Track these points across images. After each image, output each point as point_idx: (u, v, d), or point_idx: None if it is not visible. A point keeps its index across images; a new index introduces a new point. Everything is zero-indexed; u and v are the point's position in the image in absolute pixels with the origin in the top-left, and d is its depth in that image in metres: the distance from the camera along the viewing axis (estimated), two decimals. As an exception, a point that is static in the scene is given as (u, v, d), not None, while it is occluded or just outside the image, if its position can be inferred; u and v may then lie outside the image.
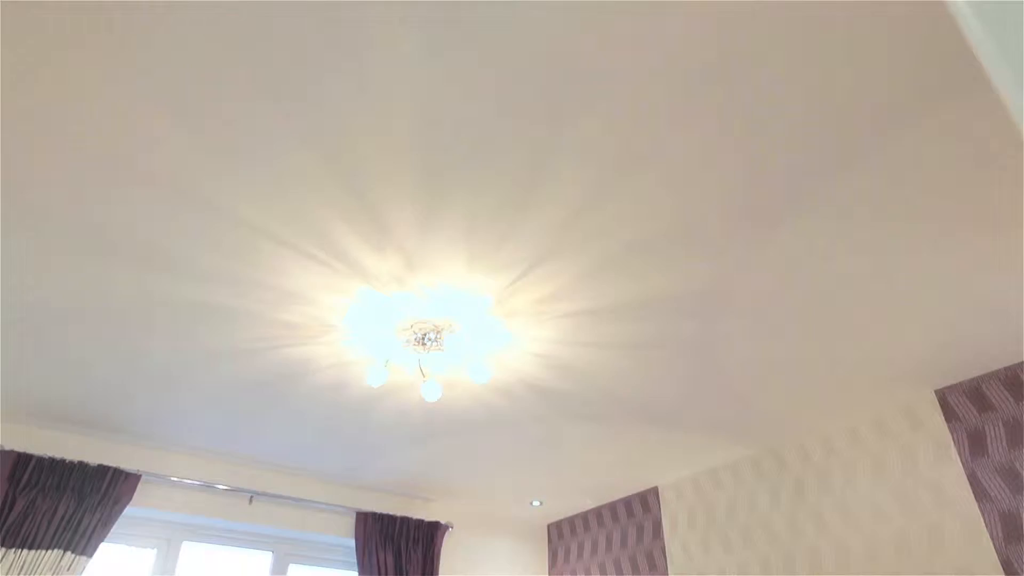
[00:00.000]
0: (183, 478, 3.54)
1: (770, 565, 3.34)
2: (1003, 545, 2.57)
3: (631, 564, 4.09)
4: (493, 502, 4.41)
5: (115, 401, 3.03)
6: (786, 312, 2.39)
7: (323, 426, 3.29)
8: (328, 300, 2.32)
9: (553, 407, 3.09)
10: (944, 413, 2.89)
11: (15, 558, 2.90)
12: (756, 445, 3.51)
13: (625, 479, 4.01)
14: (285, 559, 3.89)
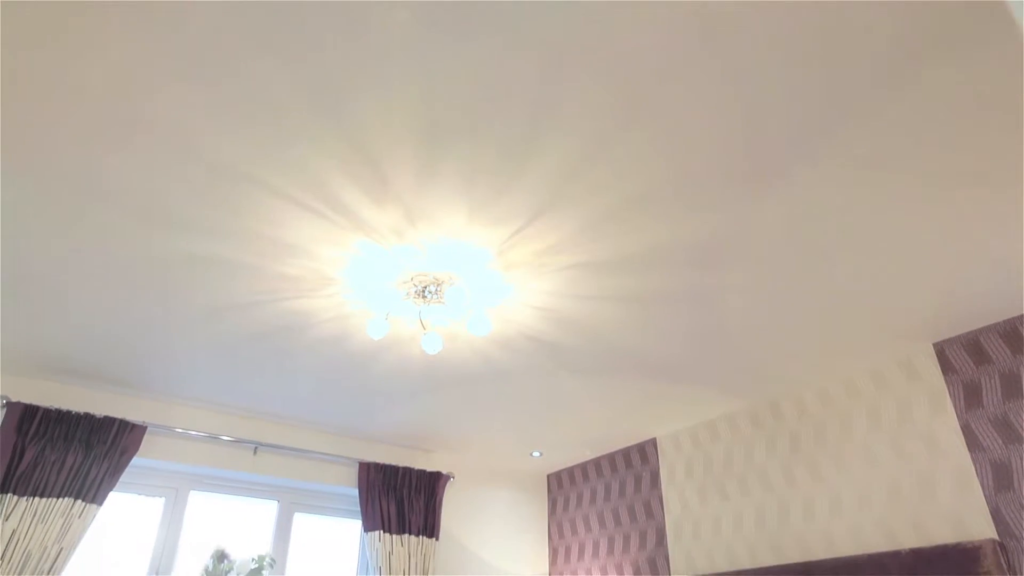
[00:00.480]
0: (188, 430, 3.59)
1: (765, 513, 3.42)
2: (993, 493, 2.62)
3: (629, 513, 4.19)
4: (494, 453, 4.49)
5: (118, 354, 3.06)
6: (786, 265, 2.39)
7: (325, 378, 3.33)
8: (327, 253, 2.31)
9: (553, 359, 3.12)
10: (941, 365, 2.91)
11: (27, 505, 2.97)
12: (753, 397, 3.55)
13: (624, 431, 4.07)
14: (290, 508, 3.99)
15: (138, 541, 3.49)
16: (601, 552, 4.28)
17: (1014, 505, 2.55)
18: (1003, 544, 2.54)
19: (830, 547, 3.10)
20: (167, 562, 3.49)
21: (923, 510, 2.82)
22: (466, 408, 3.72)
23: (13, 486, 2.97)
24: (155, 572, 3.45)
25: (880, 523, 2.95)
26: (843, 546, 3.05)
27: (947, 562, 2.61)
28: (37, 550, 2.92)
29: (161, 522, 3.56)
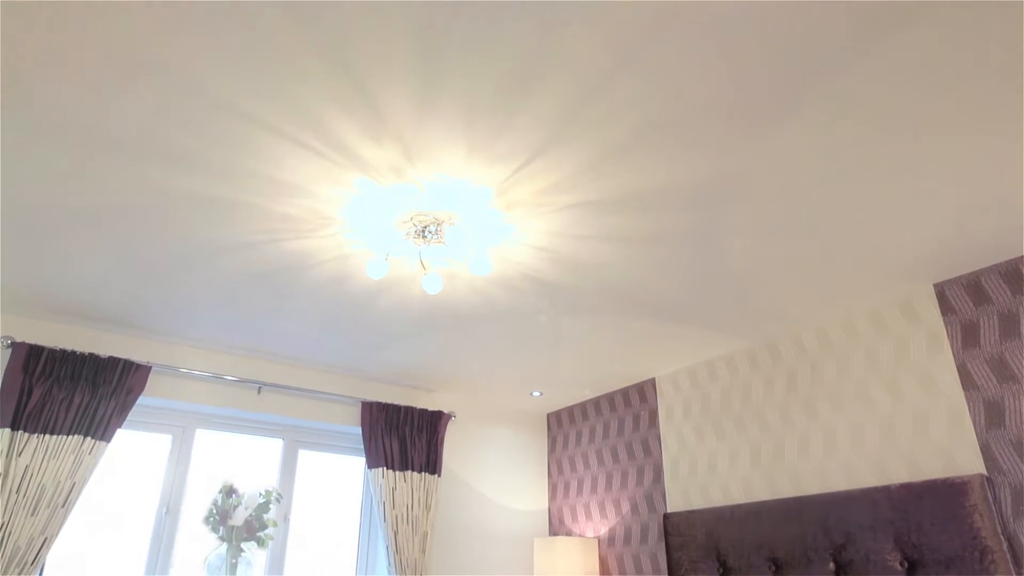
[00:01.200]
0: (192, 370, 3.64)
1: (760, 451, 3.50)
2: (984, 431, 2.67)
3: (627, 450, 4.28)
4: (494, 392, 4.56)
5: (121, 295, 3.07)
6: (787, 207, 2.37)
7: (326, 319, 3.35)
8: (326, 192, 2.29)
9: (553, 299, 3.13)
10: (941, 306, 2.92)
11: (39, 442, 3.04)
12: (752, 338, 3.58)
13: (623, 371, 4.13)
14: (295, 445, 4.08)
15: (148, 476, 3.58)
16: (599, 488, 4.40)
17: (1004, 441, 2.60)
18: (991, 479, 2.61)
19: (823, 483, 3.18)
20: (177, 497, 3.59)
21: (915, 447, 2.88)
22: (467, 348, 3.75)
23: (23, 423, 3.03)
24: (165, 506, 3.55)
25: (873, 460, 3.01)
26: (836, 482, 3.13)
27: (936, 496, 2.68)
28: (51, 484, 3.01)
29: (169, 458, 3.65)
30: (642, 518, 4.04)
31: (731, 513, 3.42)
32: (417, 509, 4.00)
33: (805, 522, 3.09)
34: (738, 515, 3.38)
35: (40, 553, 2.92)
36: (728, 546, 3.38)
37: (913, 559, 2.70)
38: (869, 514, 2.87)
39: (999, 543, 2.48)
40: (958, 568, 2.56)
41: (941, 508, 2.65)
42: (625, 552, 4.09)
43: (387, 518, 3.88)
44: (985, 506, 2.54)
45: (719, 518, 3.47)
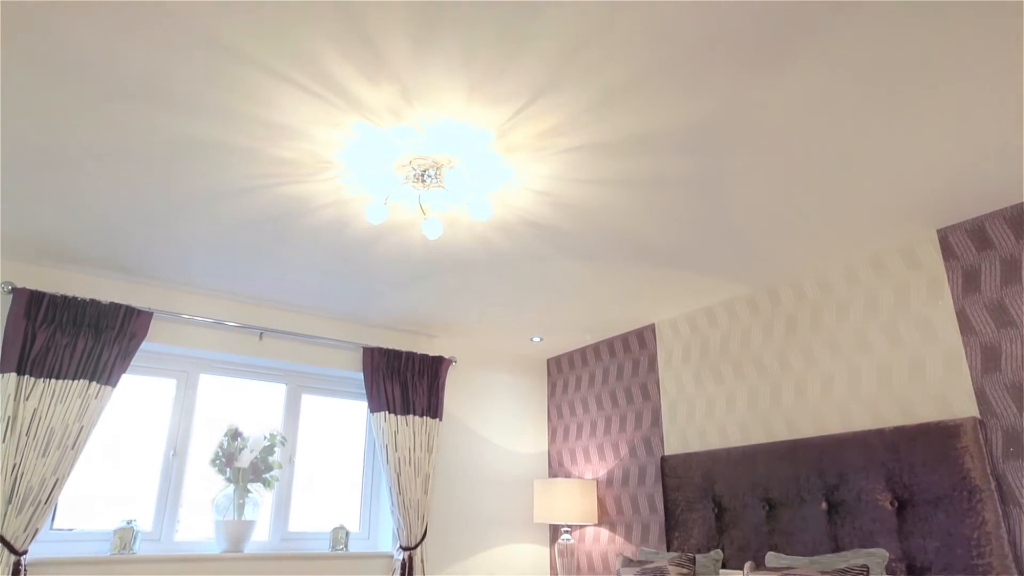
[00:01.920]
0: (194, 316, 3.66)
1: (757, 395, 3.55)
2: (979, 375, 2.70)
3: (626, 395, 4.34)
4: (495, 338, 4.60)
5: (121, 241, 3.06)
6: (788, 151, 2.33)
7: (326, 265, 3.34)
8: (324, 135, 2.25)
9: (553, 245, 3.12)
10: (943, 251, 2.91)
11: (45, 386, 3.08)
12: (752, 284, 3.59)
13: (623, 316, 4.15)
14: (298, 390, 4.13)
15: (155, 420, 3.64)
16: (598, 432, 4.48)
17: (998, 386, 2.63)
18: (983, 422, 2.65)
19: (818, 426, 3.24)
20: (183, 440, 3.66)
21: (911, 391, 2.92)
22: (467, 294, 3.76)
23: (29, 368, 3.06)
24: (173, 448, 3.62)
25: (868, 404, 3.06)
26: (831, 425, 3.18)
27: (928, 438, 2.73)
28: (59, 427, 3.06)
29: (174, 403, 3.71)
30: (640, 461, 4.13)
31: (727, 455, 3.49)
32: (419, 452, 4.08)
33: (799, 463, 3.15)
34: (734, 457, 3.45)
35: (53, 492, 2.99)
36: (723, 487, 3.47)
37: (903, 498, 2.77)
38: (862, 456, 2.93)
39: (987, 483, 2.54)
40: (946, 507, 2.63)
41: (933, 450, 2.71)
42: (623, 493, 4.19)
43: (390, 460, 3.97)
44: (976, 448, 2.59)
45: (715, 460, 3.54)
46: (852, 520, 2.91)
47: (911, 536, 2.71)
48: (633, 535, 4.06)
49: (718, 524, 3.45)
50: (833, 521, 2.97)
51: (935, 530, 2.64)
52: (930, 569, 2.63)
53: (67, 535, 3.27)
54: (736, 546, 3.33)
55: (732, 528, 3.38)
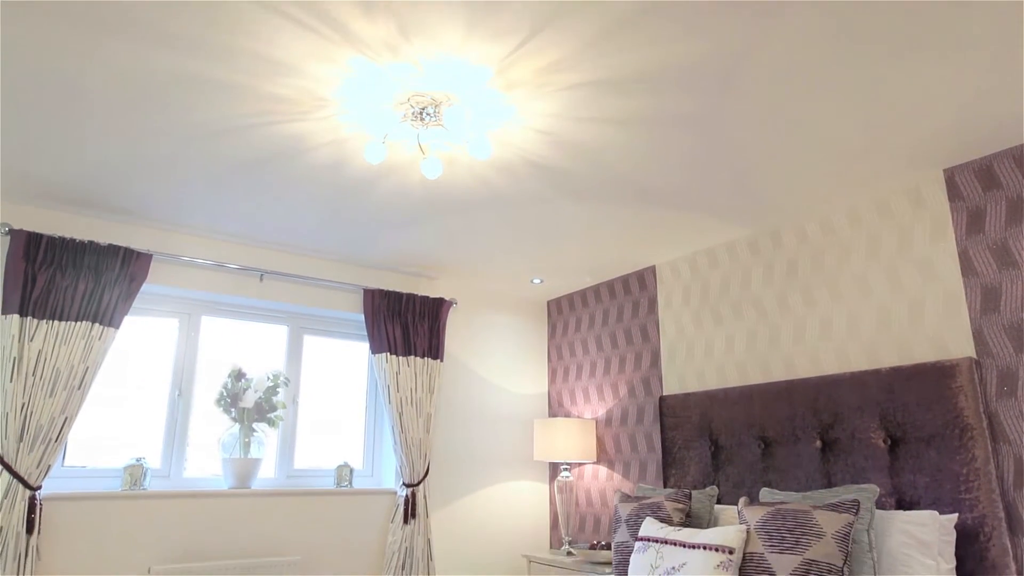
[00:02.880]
0: (194, 258, 3.65)
1: (756, 337, 3.57)
2: (978, 316, 2.71)
3: (626, 336, 4.38)
4: (495, 280, 4.61)
5: (117, 181, 3.02)
6: (793, 91, 2.27)
7: (325, 206, 3.32)
8: (319, 71, 2.19)
9: (554, 185, 3.08)
10: (948, 192, 2.88)
11: (48, 328, 3.10)
12: (754, 226, 3.56)
13: (624, 258, 4.14)
14: (300, 332, 4.16)
15: (159, 361, 3.68)
16: (598, 372, 4.54)
17: (996, 326, 2.65)
18: (979, 362, 2.67)
19: (815, 367, 3.27)
20: (188, 381, 3.71)
21: (909, 333, 2.94)
22: (467, 235, 3.74)
23: (31, 310, 3.08)
24: (178, 389, 3.68)
25: (866, 346, 3.08)
26: (828, 367, 3.22)
27: (924, 378, 2.76)
28: (65, 368, 3.09)
29: (177, 344, 3.74)
30: (639, 401, 4.20)
31: (725, 395, 3.54)
32: (421, 392, 4.14)
33: (795, 403, 3.20)
34: (732, 397, 3.50)
35: (62, 431, 3.05)
36: (720, 426, 3.53)
37: (896, 436, 2.82)
38: (858, 395, 2.97)
39: (980, 421, 2.59)
40: (938, 444, 2.69)
41: (928, 389, 2.74)
42: (621, 432, 4.28)
43: (392, 401, 4.03)
44: (971, 387, 2.62)
45: (713, 400, 3.60)
46: (845, 458, 2.97)
47: (902, 472, 2.78)
48: (631, 472, 4.16)
49: (714, 462, 3.54)
50: (826, 458, 3.04)
51: (926, 466, 2.71)
52: (918, 503, 2.71)
53: (79, 471, 3.36)
54: (731, 483, 3.42)
55: (728, 465, 3.46)
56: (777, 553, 2.53)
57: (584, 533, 4.43)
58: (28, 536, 2.91)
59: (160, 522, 3.35)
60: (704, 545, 2.71)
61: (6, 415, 2.95)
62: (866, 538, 2.55)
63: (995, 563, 2.47)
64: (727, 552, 2.63)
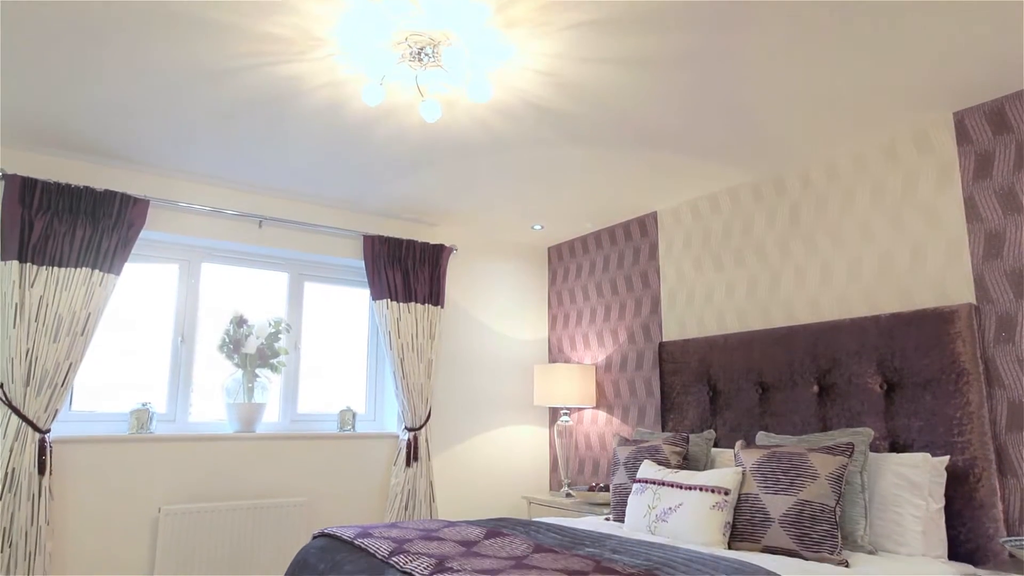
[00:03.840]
0: (192, 203, 3.62)
1: (757, 283, 3.57)
2: (980, 262, 2.70)
3: (626, 283, 4.38)
4: (495, 226, 4.58)
5: (111, 124, 2.97)
6: (798, 31, 2.20)
7: (323, 150, 3.27)
8: (314, 9, 2.12)
9: (555, 129, 3.03)
10: (957, 136, 2.83)
11: (48, 274, 3.09)
12: (758, 171, 3.52)
13: (625, 204, 4.10)
14: (300, 278, 4.16)
15: (162, 309, 3.70)
16: (598, 319, 4.56)
17: (998, 272, 2.64)
18: (979, 308, 2.68)
19: (815, 314, 3.28)
20: (190, 327, 3.73)
21: (910, 280, 2.93)
22: (467, 180, 3.70)
23: (30, 256, 3.07)
24: (180, 335, 3.70)
25: (867, 292, 3.08)
26: (828, 313, 3.23)
27: (923, 324, 2.77)
28: (67, 314, 3.10)
29: (178, 291, 3.74)
30: (638, 346, 4.23)
31: (724, 341, 3.56)
32: (422, 338, 4.17)
33: (794, 349, 3.23)
34: (731, 343, 3.53)
35: (68, 376, 3.09)
36: (719, 371, 3.57)
37: (892, 381, 2.85)
38: (856, 341, 2.99)
39: (976, 366, 2.61)
40: (934, 389, 2.72)
41: (926, 335, 2.76)
42: (621, 378, 4.32)
43: (393, 347, 4.06)
44: (969, 333, 2.64)
45: (712, 346, 3.62)
46: (842, 402, 3.01)
47: (896, 416, 2.82)
48: (630, 417, 4.23)
49: (712, 406, 3.59)
50: (823, 403, 3.08)
51: (920, 410, 2.74)
52: (911, 446, 2.76)
53: (87, 416, 3.41)
54: (728, 427, 3.48)
55: (725, 410, 3.51)
56: (771, 494, 2.59)
57: (583, 476, 4.54)
58: (40, 477, 2.98)
59: (168, 464, 3.43)
60: (700, 487, 2.77)
61: (11, 360, 2.97)
62: (859, 479, 2.60)
63: (983, 502, 2.54)
64: (723, 493, 2.69)
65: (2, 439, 2.94)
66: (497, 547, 2.35)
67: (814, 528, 2.45)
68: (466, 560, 2.14)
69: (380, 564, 2.23)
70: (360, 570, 2.23)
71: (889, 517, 2.58)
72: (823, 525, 2.44)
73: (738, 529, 2.64)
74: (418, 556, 2.19)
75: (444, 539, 2.47)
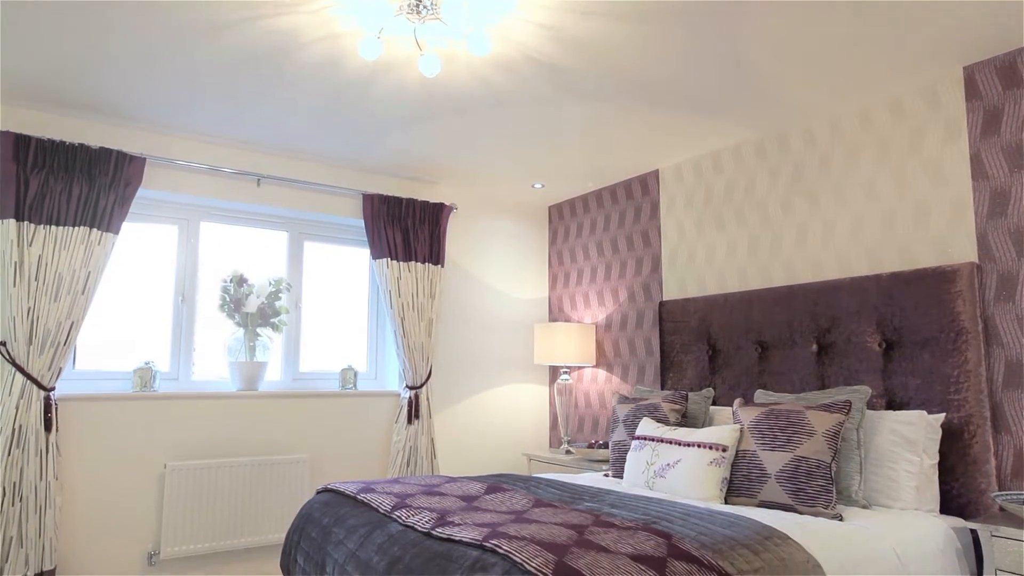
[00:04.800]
0: (189, 161, 3.58)
1: (759, 242, 3.56)
2: (984, 220, 2.68)
3: (627, 242, 4.36)
4: (496, 185, 4.54)
5: (105, 81, 2.91)
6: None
7: (321, 107, 3.21)
8: (307, -43, 2.06)
9: (556, 84, 2.97)
10: (966, 91, 2.78)
11: (47, 233, 3.08)
12: (761, 128, 3.47)
13: (627, 162, 4.06)
14: (300, 237, 4.14)
15: (162, 268, 3.69)
16: (598, 278, 4.56)
17: (1002, 230, 2.63)
18: (981, 267, 2.67)
19: (817, 273, 3.27)
20: (190, 287, 3.73)
21: (913, 238, 2.92)
22: (467, 137, 3.65)
23: (27, 214, 3.05)
24: (181, 295, 3.70)
25: (869, 251, 3.07)
26: (829, 272, 3.22)
27: (924, 283, 2.77)
28: (67, 273, 3.10)
29: (178, 250, 3.73)
30: (638, 306, 4.24)
31: (724, 300, 3.57)
32: (422, 297, 4.17)
33: (794, 308, 3.23)
34: (731, 302, 3.53)
35: (70, 335, 3.10)
36: (719, 330, 3.58)
37: (891, 340, 2.86)
38: (856, 300, 2.99)
39: (975, 325, 2.62)
40: (932, 348, 2.73)
41: (927, 294, 2.75)
42: (620, 337, 4.34)
43: (393, 306, 4.07)
44: (970, 292, 2.63)
45: (712, 305, 3.63)
46: (840, 361, 3.03)
47: (894, 375, 2.84)
48: (629, 375, 4.26)
49: (711, 365, 3.61)
50: (822, 362, 3.10)
51: (918, 369, 2.76)
52: (908, 404, 2.78)
53: (91, 374, 3.44)
54: (727, 385, 3.50)
55: (724, 369, 3.53)
56: (769, 450, 2.63)
57: (583, 433, 4.60)
58: (47, 434, 3.02)
59: (173, 422, 3.47)
60: (699, 443, 2.81)
61: (13, 319, 2.98)
62: (855, 436, 2.64)
63: (976, 458, 2.57)
64: (720, 450, 2.73)
65: (8, 397, 2.97)
66: (497, 502, 2.39)
67: (809, 483, 2.49)
68: (467, 514, 2.18)
69: (383, 518, 2.27)
70: (363, 524, 2.28)
71: (884, 473, 2.62)
72: (818, 481, 2.48)
73: (735, 485, 2.69)
74: (420, 510, 2.23)
75: (445, 494, 2.52)
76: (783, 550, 1.99)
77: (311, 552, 2.43)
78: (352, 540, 2.23)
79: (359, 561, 2.11)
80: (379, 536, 2.14)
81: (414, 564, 1.90)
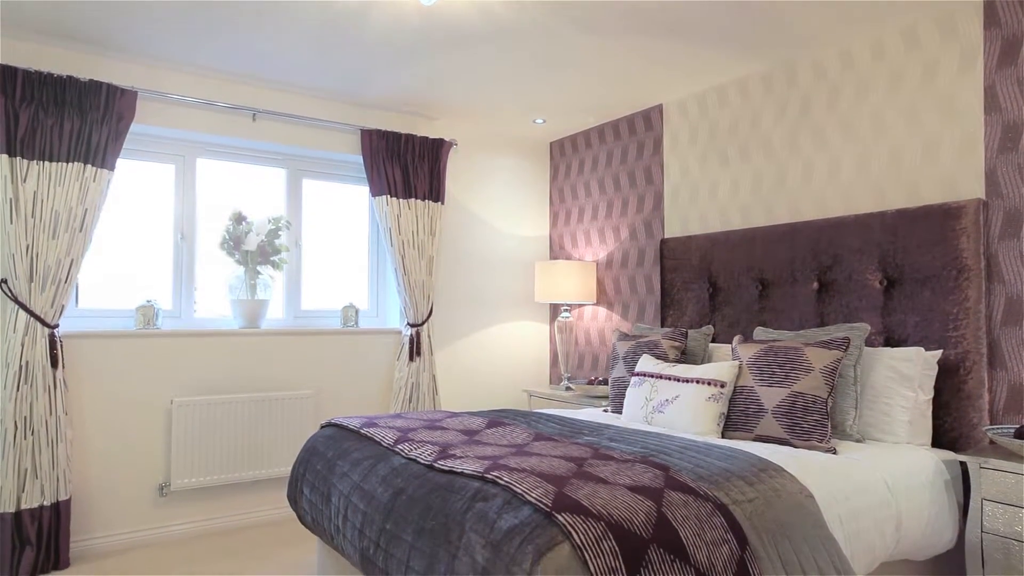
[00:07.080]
0: (183, 96, 3.49)
1: (763, 179, 3.50)
2: (994, 155, 2.63)
3: (629, 178, 4.30)
4: (496, 120, 4.45)
5: (93, 11, 2.81)
6: None
7: (316, 37, 3.11)
8: None
9: (557, 15, 2.86)
10: (985, 19, 2.67)
11: (40, 169, 3.04)
12: (769, 60, 3.36)
13: (630, 96, 3.96)
14: (298, 175, 4.09)
15: (161, 207, 3.65)
16: (600, 215, 4.52)
17: (1011, 165, 2.58)
18: (987, 203, 2.64)
19: (821, 210, 3.24)
20: (189, 225, 3.70)
21: (920, 175, 2.87)
22: (466, 71, 3.55)
23: (20, 150, 3.00)
24: (180, 232, 3.68)
25: (875, 188, 3.03)
26: (834, 209, 3.18)
27: (928, 221, 2.74)
28: (64, 210, 3.07)
29: (176, 188, 3.69)
30: (640, 243, 4.21)
31: (726, 238, 3.54)
32: (422, 235, 4.15)
33: (797, 246, 3.21)
34: (733, 240, 3.51)
35: (71, 272, 3.10)
36: (720, 268, 3.57)
37: (892, 278, 2.86)
38: (859, 238, 2.96)
39: (978, 262, 2.60)
40: (933, 285, 2.72)
41: (931, 231, 2.73)
42: (621, 274, 4.34)
43: (393, 243, 4.05)
44: (975, 229, 2.61)
45: (714, 243, 3.61)
46: (840, 298, 3.03)
47: (894, 312, 2.84)
48: (629, 313, 4.28)
49: (711, 303, 3.62)
50: (822, 299, 3.10)
51: (918, 306, 2.76)
52: (906, 341, 2.80)
53: (94, 312, 3.45)
54: (727, 323, 3.52)
55: (725, 306, 3.54)
56: (766, 386, 2.66)
57: (583, 370, 4.65)
58: (53, 370, 3.06)
59: (177, 359, 3.51)
60: (697, 379, 2.85)
61: (12, 256, 2.97)
62: (852, 373, 2.66)
63: (970, 394, 2.61)
64: (719, 386, 2.76)
65: (12, 334, 2.99)
66: (498, 436, 2.44)
67: (805, 418, 2.53)
68: (468, 447, 2.22)
69: (386, 451, 2.32)
70: (367, 457, 2.33)
71: (879, 408, 2.66)
72: (814, 415, 2.52)
73: (732, 420, 2.73)
74: (422, 444, 2.28)
75: (447, 428, 2.56)
76: (777, 481, 2.04)
77: (316, 484, 2.49)
78: (356, 472, 2.29)
79: (363, 492, 2.17)
80: (382, 468, 2.20)
81: (417, 495, 1.95)
